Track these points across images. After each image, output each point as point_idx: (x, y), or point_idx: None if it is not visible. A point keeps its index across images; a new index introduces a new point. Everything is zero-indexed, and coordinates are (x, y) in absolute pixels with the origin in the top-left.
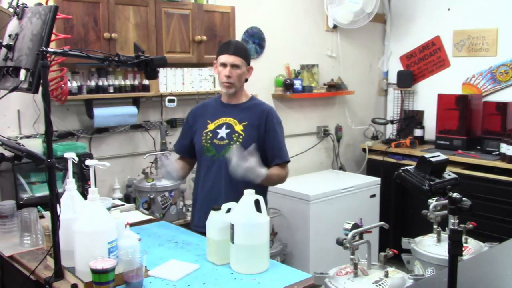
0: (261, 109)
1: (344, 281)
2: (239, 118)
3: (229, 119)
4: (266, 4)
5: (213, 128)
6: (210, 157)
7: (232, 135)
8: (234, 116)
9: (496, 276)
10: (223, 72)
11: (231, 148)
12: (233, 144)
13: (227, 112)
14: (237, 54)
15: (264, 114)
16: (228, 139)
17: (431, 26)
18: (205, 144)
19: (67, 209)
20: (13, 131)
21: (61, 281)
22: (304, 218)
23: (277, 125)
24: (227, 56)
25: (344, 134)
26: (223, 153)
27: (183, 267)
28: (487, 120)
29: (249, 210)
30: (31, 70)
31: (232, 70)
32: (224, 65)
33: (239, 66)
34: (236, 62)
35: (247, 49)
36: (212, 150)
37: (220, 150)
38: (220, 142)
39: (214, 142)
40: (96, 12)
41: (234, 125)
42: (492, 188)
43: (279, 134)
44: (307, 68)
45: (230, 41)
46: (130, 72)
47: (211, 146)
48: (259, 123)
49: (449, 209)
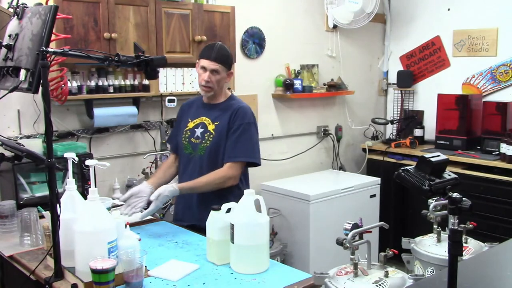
0: (232, 108)
1: (344, 281)
2: (213, 118)
3: (205, 118)
4: (266, 4)
5: (192, 127)
6: (187, 154)
7: (205, 134)
8: (209, 115)
9: (496, 276)
10: (203, 76)
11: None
12: (205, 143)
13: (205, 111)
14: (217, 61)
15: (233, 113)
16: (201, 138)
17: (431, 26)
18: (184, 142)
19: (67, 209)
20: (13, 131)
21: (61, 281)
22: (304, 218)
23: (240, 125)
24: (208, 61)
25: (344, 134)
26: (198, 152)
27: (183, 267)
28: (487, 120)
29: (249, 210)
30: (31, 70)
31: (211, 76)
32: (204, 69)
33: (218, 72)
34: (215, 67)
35: (229, 55)
36: (189, 148)
37: (195, 148)
38: (196, 140)
39: (191, 140)
40: (96, 12)
41: (208, 124)
42: (492, 188)
43: (238, 133)
44: (307, 68)
45: (214, 45)
46: (130, 72)
47: (189, 144)
48: (228, 122)
49: (449, 209)
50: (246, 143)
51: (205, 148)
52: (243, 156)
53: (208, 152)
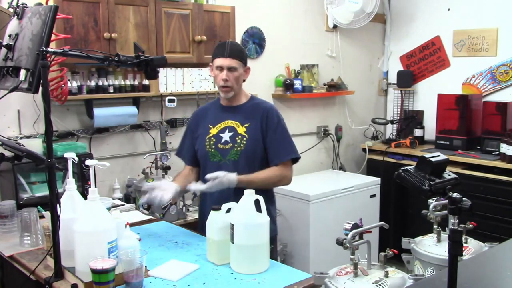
0: (262, 108)
1: (344, 281)
2: (241, 120)
3: (231, 122)
4: (266, 4)
5: (216, 133)
6: (215, 162)
7: (236, 137)
8: (235, 118)
9: (496, 276)
10: (220, 76)
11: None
12: (238, 147)
13: (228, 115)
14: (232, 56)
15: (265, 113)
16: (232, 142)
17: (431, 26)
18: (209, 150)
19: (67, 209)
20: (13, 131)
21: (61, 281)
22: (304, 218)
23: (277, 124)
24: (223, 59)
25: (344, 134)
26: (229, 157)
27: (183, 267)
28: (487, 120)
29: (249, 210)
30: (31, 70)
31: (229, 74)
32: (221, 68)
33: (236, 69)
34: (232, 64)
35: (243, 50)
36: (217, 155)
37: (225, 154)
38: (225, 146)
39: (219, 147)
40: (96, 12)
41: (237, 127)
42: (492, 188)
43: (278, 133)
44: (307, 68)
45: (225, 42)
46: (130, 72)
47: (216, 151)
48: (261, 123)
49: (449, 209)
50: (289, 140)
51: (239, 152)
52: (290, 154)
53: (245, 156)
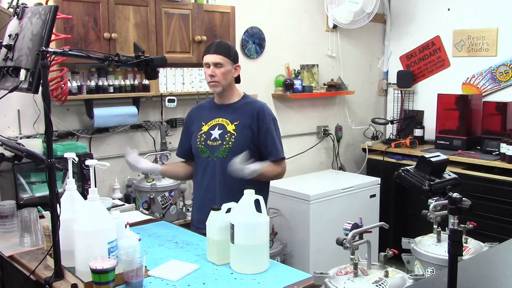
0: (253, 107)
1: (344, 281)
2: (231, 118)
3: (221, 119)
4: (266, 4)
5: (207, 130)
6: (205, 158)
7: (225, 135)
8: (226, 116)
9: (496, 276)
10: (207, 72)
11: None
12: (226, 144)
13: (220, 113)
14: (218, 52)
15: (256, 112)
16: (220, 140)
17: (431, 26)
18: (199, 146)
19: (67, 209)
20: (13, 131)
21: (61, 281)
22: (304, 218)
23: (270, 122)
24: (209, 55)
25: (344, 134)
26: (217, 154)
27: (183, 267)
28: (487, 120)
29: (249, 210)
30: (31, 70)
31: (215, 69)
32: (208, 65)
33: (222, 64)
34: (217, 60)
35: (231, 47)
36: (206, 152)
37: (213, 151)
38: (213, 143)
39: (208, 143)
40: (96, 12)
41: (226, 125)
42: (492, 188)
43: (272, 131)
44: (307, 68)
45: (213, 41)
46: (130, 72)
47: (205, 147)
48: (251, 122)
49: (449, 209)
50: (278, 139)
51: (227, 150)
52: (281, 153)
53: (232, 154)
